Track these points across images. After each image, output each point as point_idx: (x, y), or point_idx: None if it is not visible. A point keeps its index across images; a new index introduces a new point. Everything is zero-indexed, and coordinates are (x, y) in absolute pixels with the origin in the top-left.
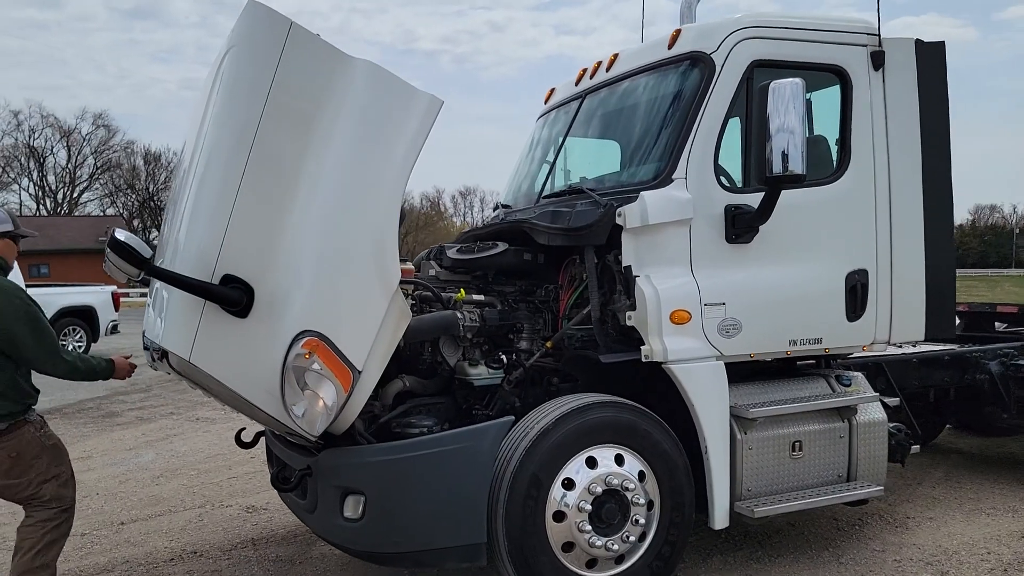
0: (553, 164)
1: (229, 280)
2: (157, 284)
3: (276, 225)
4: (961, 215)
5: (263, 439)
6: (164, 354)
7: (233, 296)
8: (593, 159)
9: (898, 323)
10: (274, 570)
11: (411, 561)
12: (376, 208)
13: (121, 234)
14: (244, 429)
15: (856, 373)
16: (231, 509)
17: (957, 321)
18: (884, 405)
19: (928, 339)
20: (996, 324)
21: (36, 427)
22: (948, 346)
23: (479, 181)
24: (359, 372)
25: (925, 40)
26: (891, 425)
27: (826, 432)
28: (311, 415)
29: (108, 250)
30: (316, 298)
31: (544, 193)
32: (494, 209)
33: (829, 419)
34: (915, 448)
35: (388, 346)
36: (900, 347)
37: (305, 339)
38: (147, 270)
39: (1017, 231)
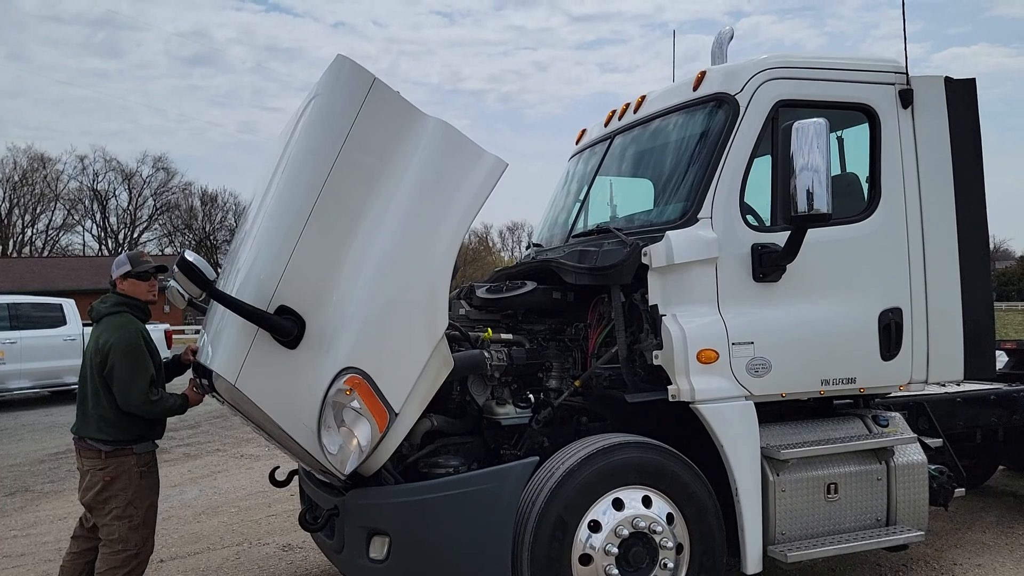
0: (583, 203)
1: (283, 311)
2: (212, 312)
3: (335, 265)
4: (1022, 247)
5: (296, 478)
6: (211, 383)
7: (286, 326)
8: (622, 198)
9: (935, 362)
10: None
11: None
12: (431, 261)
13: (190, 255)
14: (278, 468)
15: (894, 413)
16: (268, 547)
17: (1005, 359)
18: (925, 446)
19: (968, 379)
20: None
21: (139, 461)
22: (996, 385)
23: (526, 216)
24: (396, 414)
25: (955, 77)
26: (932, 467)
27: (862, 474)
28: (343, 453)
29: (175, 268)
30: (363, 338)
31: (574, 232)
32: (527, 248)
33: (865, 461)
34: (960, 491)
35: (427, 392)
36: (944, 386)
37: (348, 376)
38: (209, 291)
39: None
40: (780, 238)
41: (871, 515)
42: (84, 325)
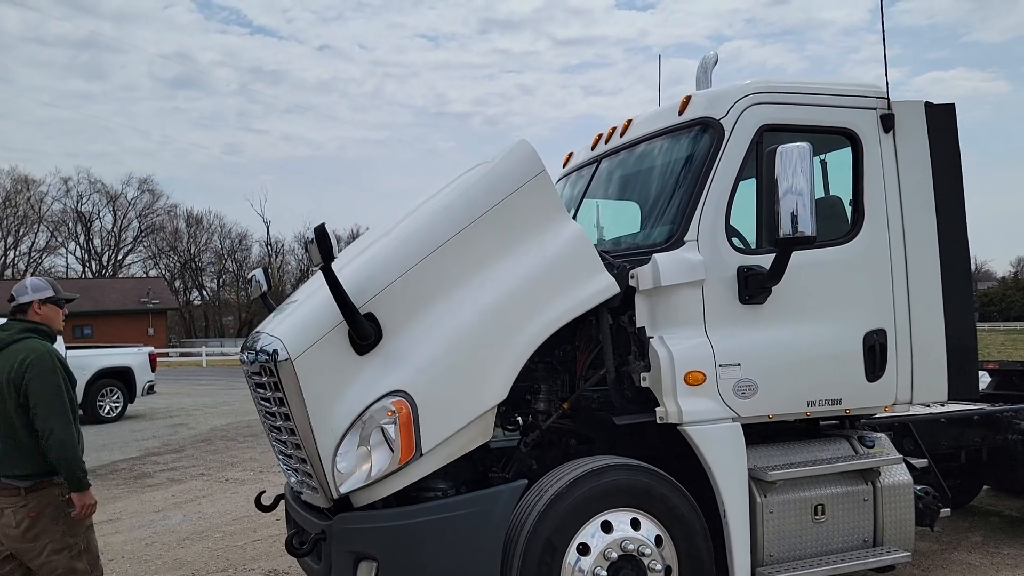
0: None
1: (369, 318)
2: (282, 308)
3: (433, 300)
4: (1003, 268)
5: (282, 503)
6: (263, 363)
7: (368, 330)
8: (609, 221)
9: (920, 383)
10: None
11: None
12: (516, 340)
13: (327, 228)
14: (264, 492)
15: (880, 434)
16: (253, 573)
17: (988, 379)
18: (910, 467)
19: (951, 399)
20: None
21: (63, 491)
22: (979, 405)
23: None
24: (420, 455)
25: (935, 102)
26: (918, 488)
27: (849, 495)
28: (349, 473)
29: (314, 231)
30: (428, 372)
31: None
32: None
33: (852, 482)
34: (945, 511)
35: (456, 450)
36: (929, 407)
37: (397, 399)
38: (327, 263)
39: None
40: (766, 260)
41: (858, 536)
42: (68, 348)
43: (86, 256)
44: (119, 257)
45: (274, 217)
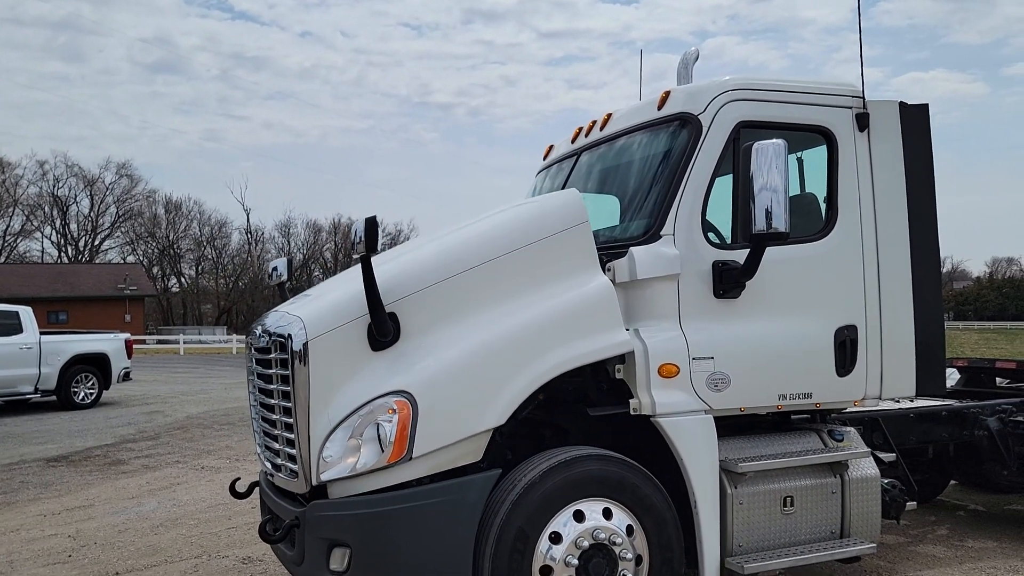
0: None
1: (392, 318)
2: (307, 293)
3: (457, 314)
4: (979, 268)
5: (257, 490)
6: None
7: (389, 328)
8: (590, 212)
9: (889, 378)
10: None
11: None
12: (528, 372)
13: (376, 220)
14: (239, 479)
15: (849, 428)
16: (227, 560)
17: (957, 376)
18: (878, 460)
19: (919, 395)
20: (997, 380)
21: None
22: (947, 401)
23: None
24: (409, 459)
25: (909, 103)
26: (885, 481)
27: (818, 487)
28: (332, 461)
29: (365, 220)
30: (435, 381)
31: None
32: None
33: (821, 474)
34: (911, 505)
35: (444, 462)
36: (898, 402)
37: (400, 398)
38: (368, 253)
39: None
40: (740, 255)
41: (826, 528)
42: (42, 333)
43: (62, 241)
44: (96, 242)
45: (254, 205)
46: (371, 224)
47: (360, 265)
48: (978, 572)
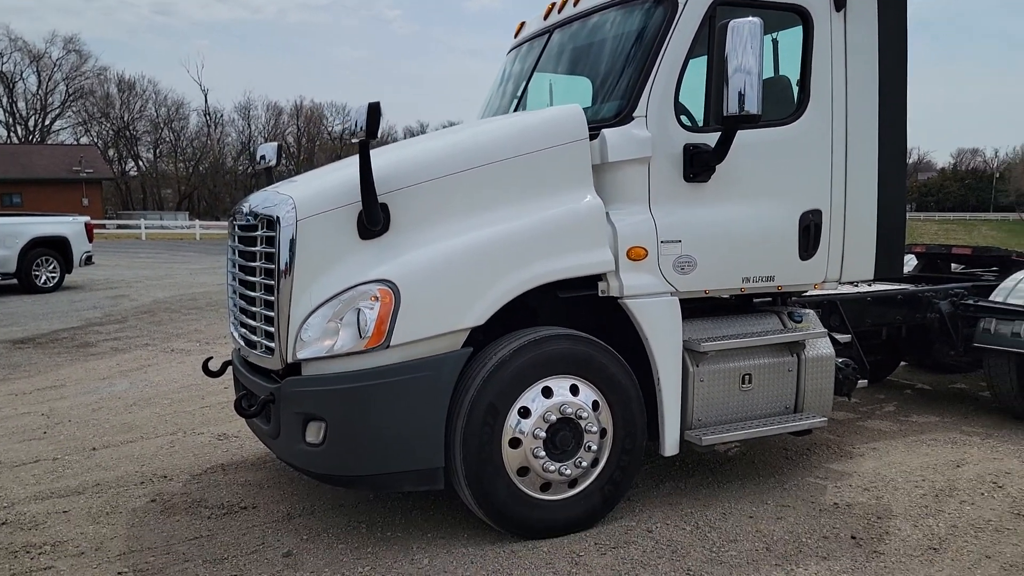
0: (521, 99)
1: (383, 208)
2: (293, 180)
3: (450, 212)
4: (944, 159)
5: (230, 369)
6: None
7: (379, 216)
8: (560, 96)
9: (849, 262)
10: (243, 493)
11: (370, 484)
12: (513, 278)
13: (378, 105)
14: (211, 358)
15: (808, 310)
16: (202, 437)
17: (915, 262)
18: (834, 341)
19: (877, 278)
20: (952, 266)
21: None
22: (903, 286)
23: (463, 115)
24: (387, 347)
25: None
26: (839, 360)
27: (775, 366)
28: (310, 341)
29: (369, 105)
30: (421, 274)
31: None
32: None
33: (779, 353)
34: (862, 383)
35: (419, 352)
36: (856, 286)
37: (384, 287)
38: (368, 139)
39: (997, 176)
40: (711, 139)
41: (781, 403)
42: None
43: (10, 120)
44: (46, 122)
45: (212, 85)
46: (373, 109)
47: (358, 151)
48: (920, 444)
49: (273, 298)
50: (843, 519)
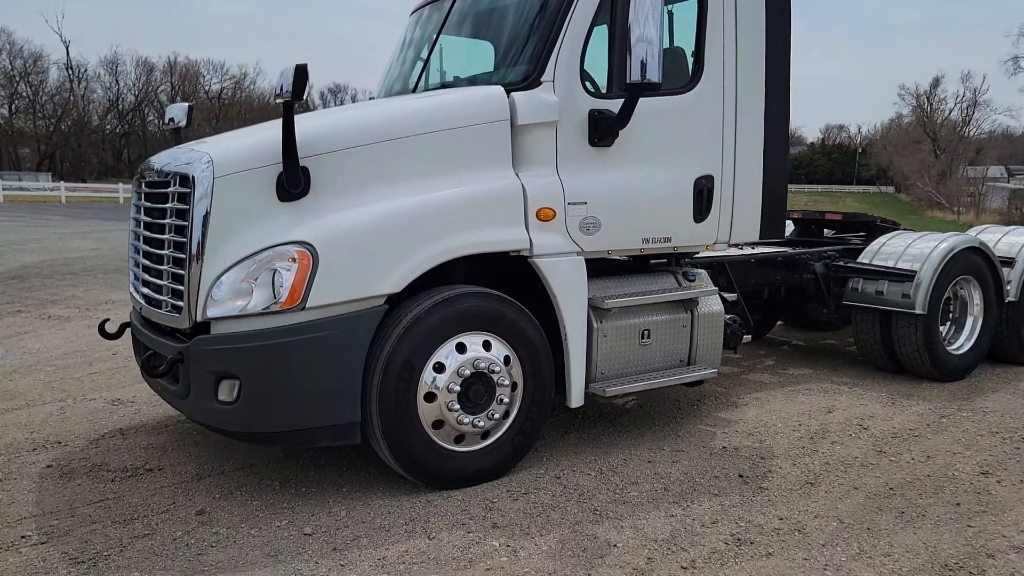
0: (427, 62)
1: (303, 171)
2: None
3: (371, 180)
4: (812, 134)
5: (128, 331)
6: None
7: (299, 178)
8: (465, 58)
9: (738, 225)
10: (146, 456)
11: (287, 440)
12: (430, 249)
13: (306, 68)
14: (108, 320)
15: (700, 270)
16: (95, 403)
17: (791, 227)
18: (723, 299)
19: (762, 240)
20: (825, 231)
21: None
22: (783, 249)
23: (349, 78)
24: (302, 308)
25: None
26: (727, 316)
27: (672, 322)
28: (220, 300)
29: (294, 67)
30: (340, 238)
31: (418, 91)
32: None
33: (675, 310)
34: (747, 338)
35: (336, 313)
36: (741, 249)
37: (303, 248)
38: (293, 101)
39: (860, 151)
40: (615, 105)
41: (676, 356)
42: None
43: None
44: None
45: (74, 37)
46: (300, 71)
47: (282, 112)
48: (796, 393)
49: (184, 256)
50: (731, 460)
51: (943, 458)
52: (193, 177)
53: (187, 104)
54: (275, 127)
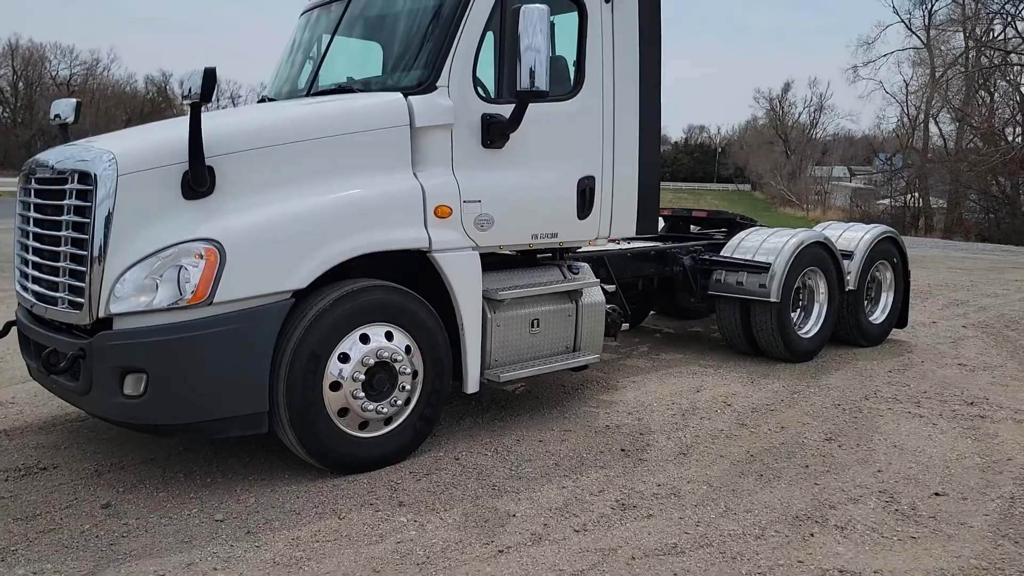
0: (321, 62)
1: (208, 171)
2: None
3: (276, 180)
4: (676, 134)
5: (14, 329)
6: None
7: (204, 178)
8: (355, 60)
9: (616, 221)
10: (37, 455)
11: (195, 431)
12: (336, 247)
13: (215, 71)
14: None
15: (583, 264)
16: None
17: (661, 223)
18: (603, 290)
19: (638, 235)
20: (692, 227)
21: None
22: (655, 244)
23: (215, 66)
24: (210, 303)
25: None
26: (608, 306)
27: (558, 311)
28: (123, 296)
29: (205, 69)
30: (247, 235)
31: (312, 91)
32: (259, 101)
33: (561, 301)
34: (625, 326)
35: (243, 308)
36: (619, 244)
37: (210, 246)
38: (200, 102)
39: (719, 151)
40: (505, 110)
41: (563, 343)
42: None
43: None
44: None
45: None
46: (210, 74)
47: (189, 113)
48: (668, 376)
49: (84, 253)
50: (614, 437)
51: (794, 428)
52: (95, 175)
53: (75, 100)
54: (177, 126)
